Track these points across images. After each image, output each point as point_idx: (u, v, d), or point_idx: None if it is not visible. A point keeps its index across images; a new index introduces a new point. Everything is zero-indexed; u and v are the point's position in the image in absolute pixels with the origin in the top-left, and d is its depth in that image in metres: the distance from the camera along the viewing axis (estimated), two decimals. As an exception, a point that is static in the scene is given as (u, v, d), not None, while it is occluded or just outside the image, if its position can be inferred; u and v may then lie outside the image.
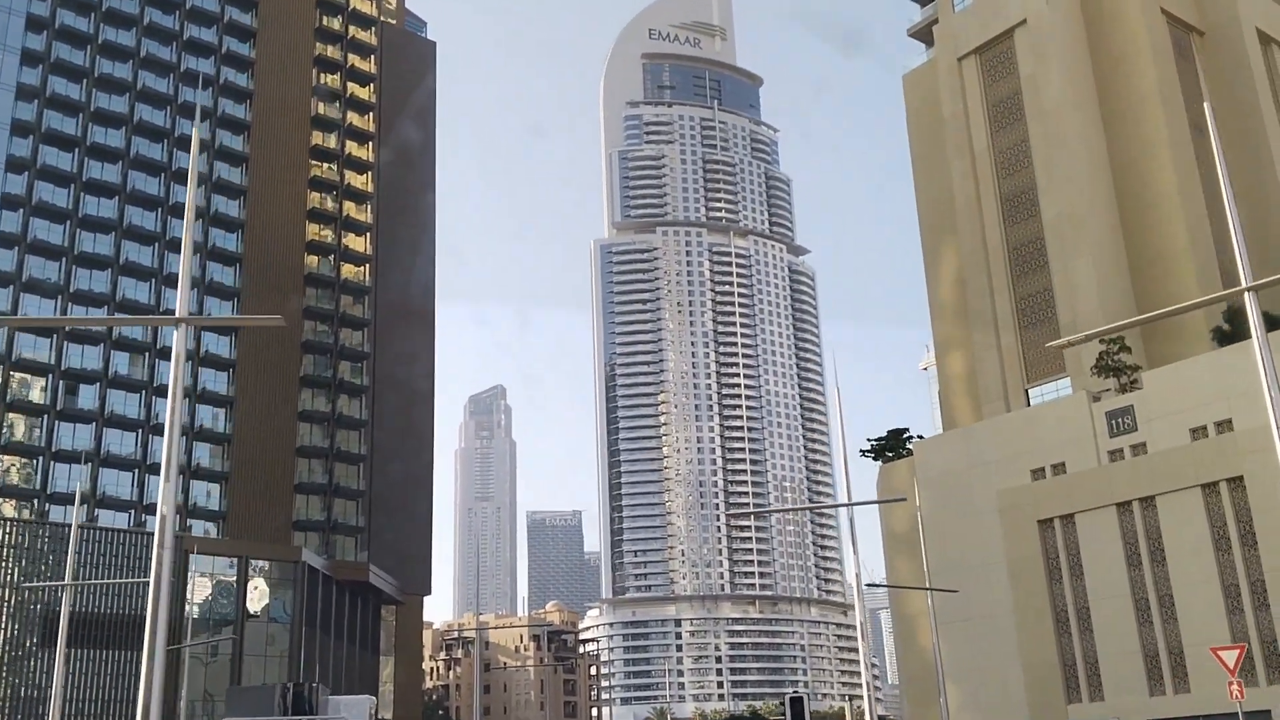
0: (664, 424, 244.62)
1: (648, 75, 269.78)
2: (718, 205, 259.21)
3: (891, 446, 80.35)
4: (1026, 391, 74.65)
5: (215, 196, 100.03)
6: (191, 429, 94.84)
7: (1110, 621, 62.53)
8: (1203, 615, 58.59)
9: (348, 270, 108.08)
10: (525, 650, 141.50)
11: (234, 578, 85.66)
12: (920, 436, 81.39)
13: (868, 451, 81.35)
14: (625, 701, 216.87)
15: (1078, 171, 73.92)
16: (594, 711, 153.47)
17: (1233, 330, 65.39)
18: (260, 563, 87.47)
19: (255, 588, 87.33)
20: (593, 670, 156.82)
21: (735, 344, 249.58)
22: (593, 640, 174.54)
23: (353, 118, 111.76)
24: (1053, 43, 76.60)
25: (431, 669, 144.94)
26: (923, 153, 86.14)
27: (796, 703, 37.25)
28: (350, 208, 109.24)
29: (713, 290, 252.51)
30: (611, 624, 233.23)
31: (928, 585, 59.45)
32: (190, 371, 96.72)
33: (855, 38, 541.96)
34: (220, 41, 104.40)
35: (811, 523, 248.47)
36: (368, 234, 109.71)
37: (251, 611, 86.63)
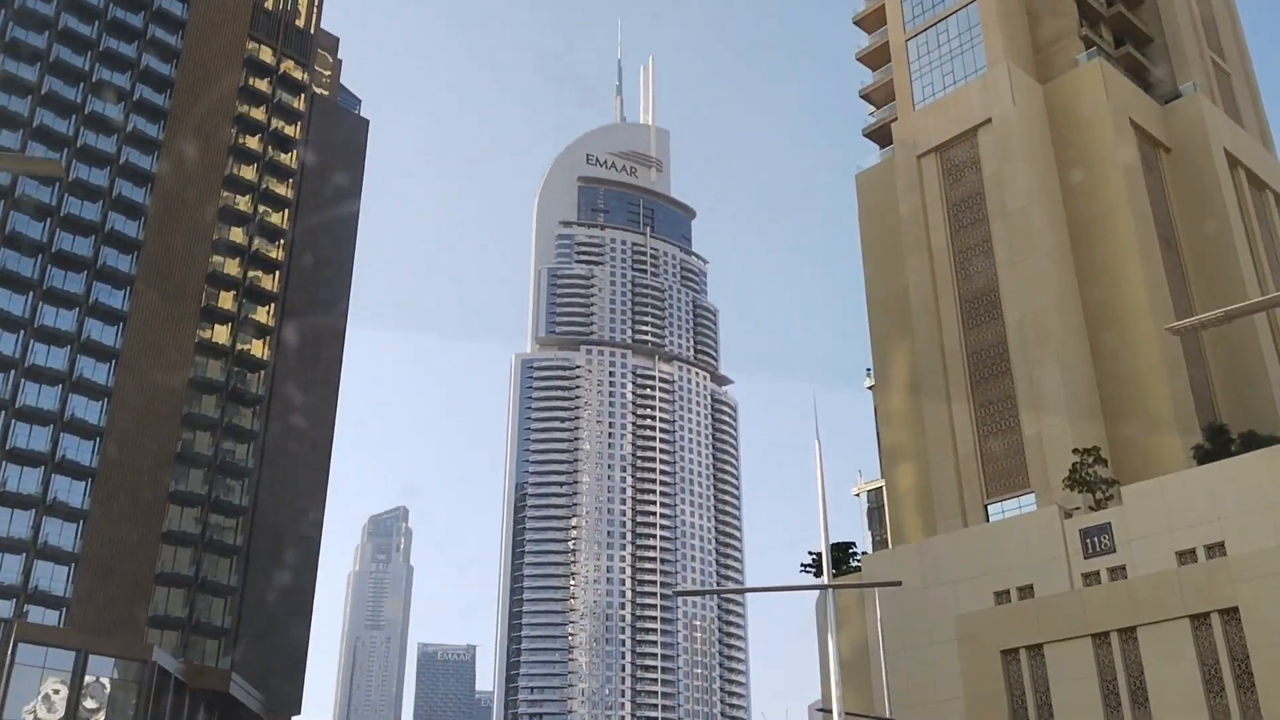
0: (573, 549, 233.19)
1: (583, 197, 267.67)
2: (644, 329, 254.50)
3: (836, 562, 72.38)
4: (986, 508, 67.86)
5: (106, 249, 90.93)
6: (43, 501, 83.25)
7: (1083, 771, 54.39)
8: (1192, 768, 50.83)
9: (243, 346, 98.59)
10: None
11: (68, 676, 73.18)
12: (864, 552, 73.83)
13: (809, 566, 73.35)
14: None
15: (1043, 274, 69.07)
16: None
17: (1214, 449, 59.78)
18: (103, 660, 75.11)
19: (92, 689, 74.75)
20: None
21: (654, 470, 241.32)
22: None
23: (271, 183, 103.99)
24: (1019, 143, 72.78)
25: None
26: (876, 253, 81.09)
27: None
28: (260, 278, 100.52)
29: (634, 413, 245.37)
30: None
31: (888, 716, 51.13)
32: (50, 436, 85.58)
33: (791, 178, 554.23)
34: (133, 87, 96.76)
35: (720, 667, 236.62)
36: (269, 337, 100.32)
37: (85, 717, 73.91)
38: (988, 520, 66.87)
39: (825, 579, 33.97)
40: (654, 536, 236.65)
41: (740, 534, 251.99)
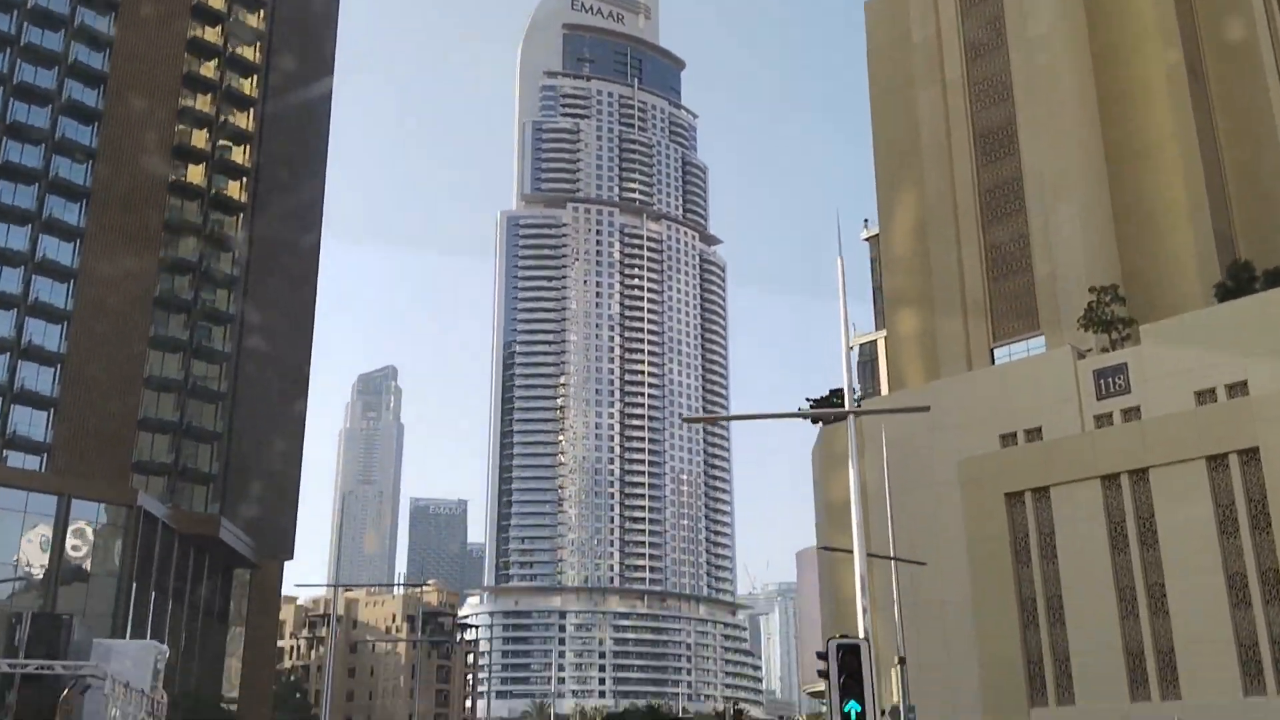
0: (562, 407, 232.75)
1: (568, 46, 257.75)
2: (632, 186, 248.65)
3: (833, 406, 70.25)
4: (992, 352, 65.46)
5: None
6: (17, 344, 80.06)
7: (1086, 612, 53.37)
8: (1200, 609, 49.72)
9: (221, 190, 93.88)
10: (398, 631, 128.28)
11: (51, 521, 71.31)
12: (863, 398, 71.74)
13: (808, 415, 71.03)
14: (501, 695, 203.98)
15: (1064, 107, 65.05)
16: (467, 703, 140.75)
17: (1236, 288, 57.06)
18: (86, 504, 73.17)
19: (78, 534, 73.01)
20: (469, 658, 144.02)
21: (641, 329, 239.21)
22: (472, 626, 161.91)
23: (239, 47, 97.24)
24: (1042, -34, 67.69)
25: (292, 648, 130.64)
26: (884, 90, 76.58)
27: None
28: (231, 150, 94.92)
29: (621, 272, 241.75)
30: (492, 613, 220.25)
31: (892, 555, 49.44)
32: (20, 278, 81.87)
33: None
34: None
35: (706, 519, 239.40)
36: (243, 178, 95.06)
37: (72, 563, 72.43)
38: (993, 365, 64.53)
39: (848, 405, 31.38)
40: (642, 395, 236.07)
41: (727, 393, 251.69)
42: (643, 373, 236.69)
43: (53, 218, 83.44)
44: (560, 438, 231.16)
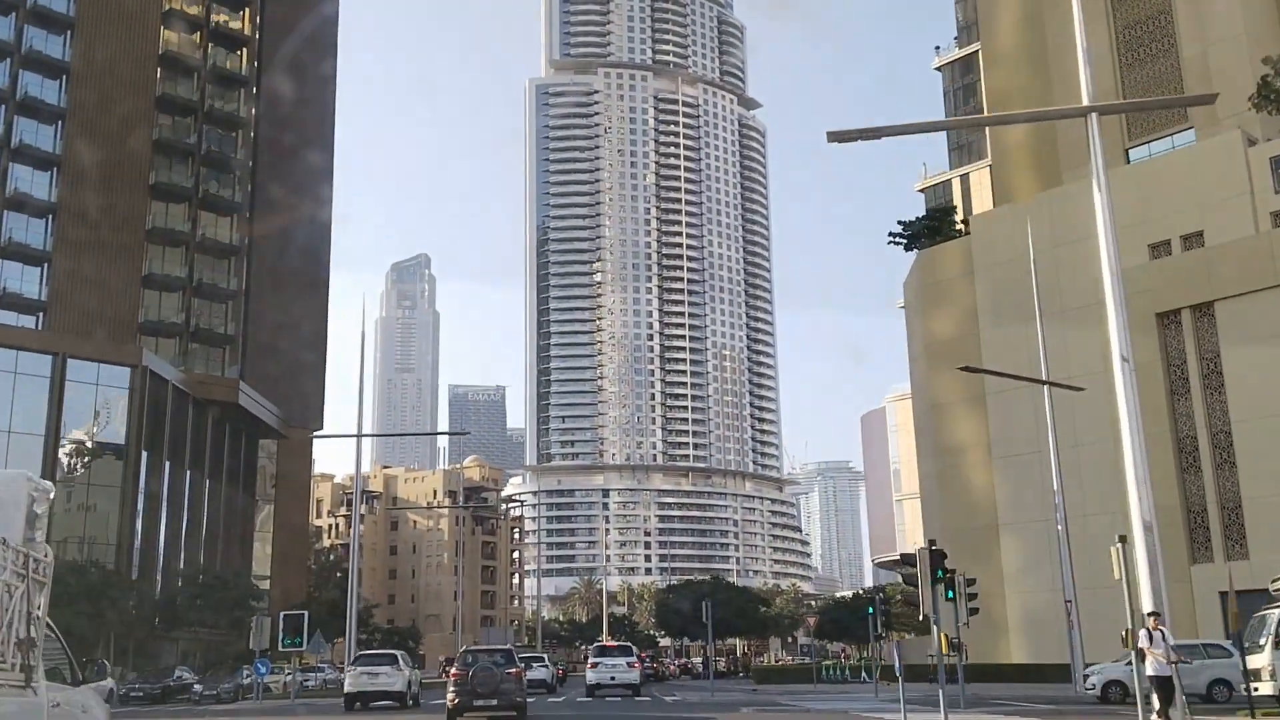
0: (599, 283, 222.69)
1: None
2: (665, 48, 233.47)
3: (931, 230, 59.77)
4: (1127, 153, 54.28)
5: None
6: (2, 192, 70.68)
7: (1263, 451, 43.44)
8: None
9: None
10: (440, 509, 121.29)
11: (47, 382, 62.79)
12: (960, 225, 60.93)
13: (900, 237, 60.69)
14: (546, 574, 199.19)
15: None
16: (514, 579, 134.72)
17: None
18: (84, 364, 64.52)
19: (77, 397, 64.50)
20: (514, 534, 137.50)
21: (679, 200, 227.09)
22: (516, 502, 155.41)
23: None
24: None
25: (331, 526, 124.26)
26: None
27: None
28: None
29: (657, 140, 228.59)
30: (535, 492, 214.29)
31: (1044, 377, 39.56)
32: (2, 119, 71.97)
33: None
34: None
35: (750, 394, 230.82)
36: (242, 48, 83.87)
37: (70, 429, 64.19)
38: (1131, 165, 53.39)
39: (1085, 97, 21.04)
40: (681, 267, 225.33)
41: (769, 266, 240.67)
42: (681, 245, 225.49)
43: (31, 50, 73.18)
44: (598, 314, 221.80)
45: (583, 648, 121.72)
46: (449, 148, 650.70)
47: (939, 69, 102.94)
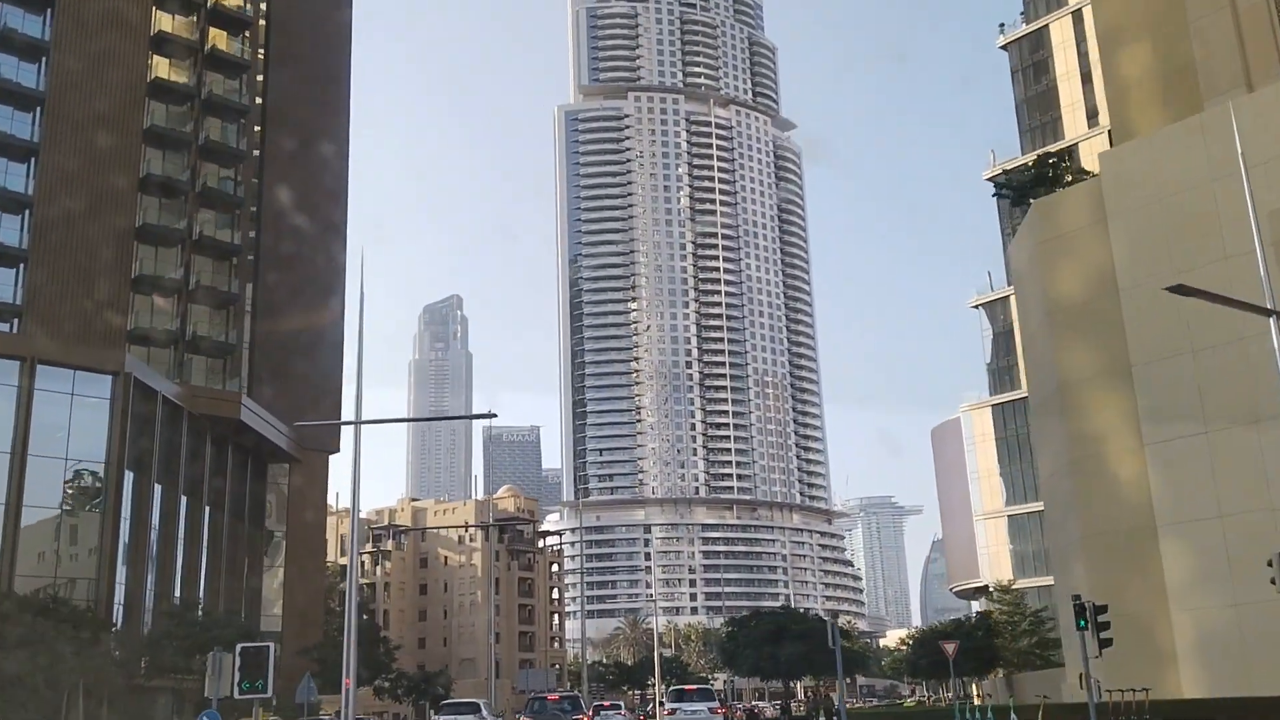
0: (634, 309, 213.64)
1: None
2: (696, 71, 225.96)
3: (1040, 180, 49.74)
4: (1288, 73, 44.08)
5: None
6: (-28, 183, 62.36)
7: None
8: None
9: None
10: (472, 541, 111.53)
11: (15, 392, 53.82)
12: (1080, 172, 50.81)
13: (1003, 189, 50.77)
14: (587, 615, 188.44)
15: None
16: (553, 619, 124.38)
17: None
18: (59, 371, 55.53)
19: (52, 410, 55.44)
20: (553, 570, 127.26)
21: (715, 223, 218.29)
22: (554, 533, 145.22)
23: None
24: None
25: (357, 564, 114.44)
26: None
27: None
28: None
29: (690, 163, 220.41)
30: (574, 529, 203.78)
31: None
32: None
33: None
34: None
35: (794, 424, 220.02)
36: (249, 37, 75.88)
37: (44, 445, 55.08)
38: (1294, 85, 43.17)
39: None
40: (719, 292, 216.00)
41: (809, 287, 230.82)
42: (718, 269, 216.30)
43: (7, 27, 65.21)
44: (634, 343, 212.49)
45: (631, 692, 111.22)
46: (478, 184, 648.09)
47: (1004, 47, 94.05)
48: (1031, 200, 47.90)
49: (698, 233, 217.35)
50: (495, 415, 31.89)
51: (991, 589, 74.85)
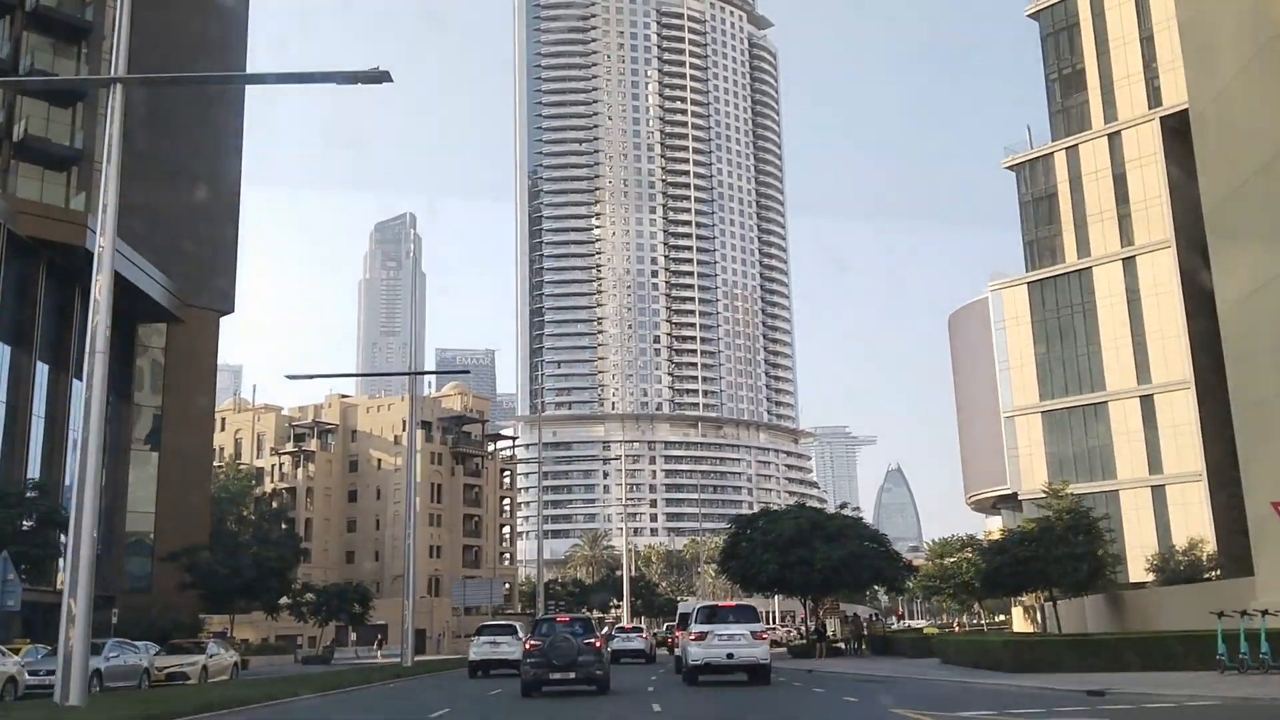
0: (597, 214, 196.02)
1: None
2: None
3: None
4: None
5: None
6: None
7: None
8: None
9: None
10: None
11: None
12: None
13: None
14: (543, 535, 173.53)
15: None
16: (504, 533, 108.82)
17: None
18: None
19: None
20: (506, 480, 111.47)
21: (685, 124, 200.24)
22: (506, 438, 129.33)
23: None
24: None
25: (274, 467, 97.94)
26: None
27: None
28: None
29: (659, 58, 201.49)
30: (528, 445, 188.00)
31: None
32: None
33: None
34: None
35: (764, 338, 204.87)
36: None
37: None
38: None
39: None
40: (688, 198, 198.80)
41: (783, 195, 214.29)
42: (688, 173, 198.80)
43: None
44: (597, 249, 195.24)
45: (590, 614, 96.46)
46: (433, 90, 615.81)
47: (1033, 14, 77.85)
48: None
49: (667, 134, 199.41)
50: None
51: (1044, 491, 59.89)
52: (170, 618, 47.53)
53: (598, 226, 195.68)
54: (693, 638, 24.38)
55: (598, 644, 22.45)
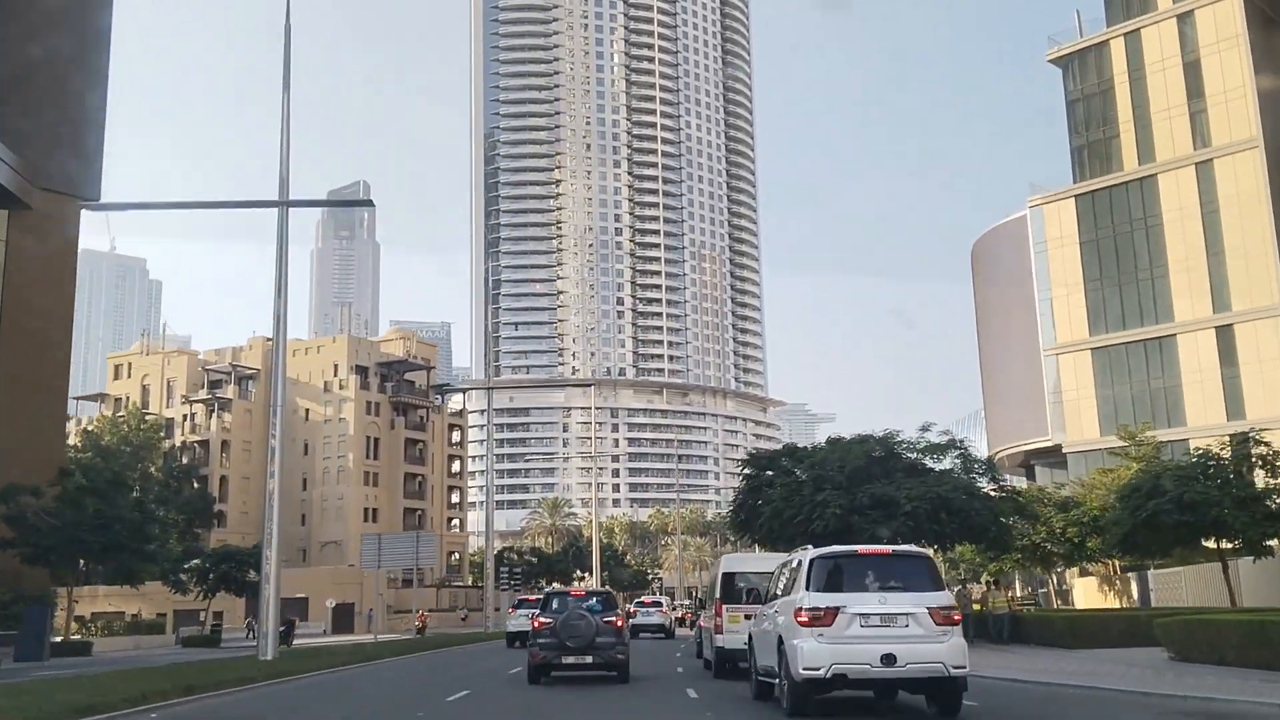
0: (558, 167, 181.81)
1: None
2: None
3: None
4: None
5: None
6: None
7: None
8: None
9: None
10: (342, 387, 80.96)
11: None
12: None
13: None
14: (496, 505, 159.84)
15: None
16: (452, 496, 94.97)
17: None
18: None
19: None
20: (454, 436, 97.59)
21: (653, 75, 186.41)
22: (455, 389, 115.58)
23: None
24: None
25: (185, 416, 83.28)
26: None
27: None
28: None
29: (625, 3, 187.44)
30: (482, 411, 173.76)
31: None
32: None
33: None
34: None
35: (733, 302, 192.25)
36: None
37: None
38: None
39: None
40: (655, 151, 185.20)
41: (753, 150, 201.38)
42: (655, 125, 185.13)
43: None
44: (557, 204, 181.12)
45: (552, 586, 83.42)
46: (386, 60, 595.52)
47: None
48: None
49: (633, 82, 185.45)
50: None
51: (1122, 437, 47.39)
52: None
53: (559, 180, 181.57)
54: (804, 619, 11.23)
55: (619, 623, 18.60)
